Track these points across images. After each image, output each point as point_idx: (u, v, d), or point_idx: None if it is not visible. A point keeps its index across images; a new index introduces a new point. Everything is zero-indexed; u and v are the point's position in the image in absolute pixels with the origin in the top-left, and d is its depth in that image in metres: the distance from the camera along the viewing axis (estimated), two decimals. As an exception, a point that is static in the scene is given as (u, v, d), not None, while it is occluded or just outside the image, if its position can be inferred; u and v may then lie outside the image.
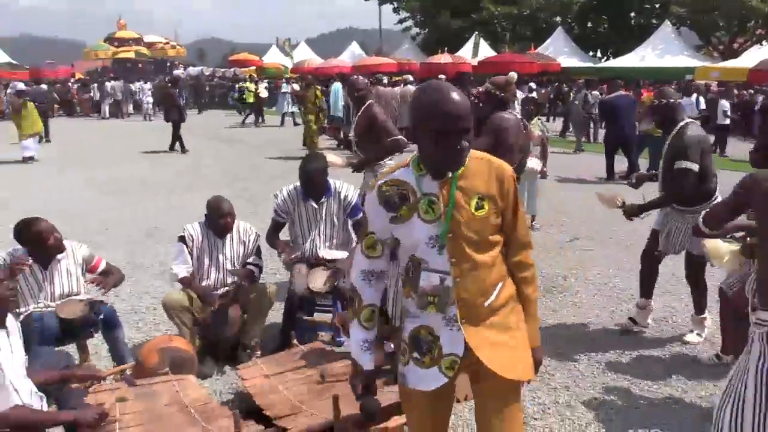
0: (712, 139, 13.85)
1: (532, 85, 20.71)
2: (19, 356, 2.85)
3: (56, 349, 3.69)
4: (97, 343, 4.23)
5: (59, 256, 3.84)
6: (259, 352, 4.12)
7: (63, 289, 3.85)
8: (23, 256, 3.68)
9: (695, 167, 4.05)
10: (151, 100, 26.05)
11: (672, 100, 4.28)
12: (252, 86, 23.83)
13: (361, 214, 4.42)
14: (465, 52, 28.47)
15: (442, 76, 18.81)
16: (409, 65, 27.59)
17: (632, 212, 4.34)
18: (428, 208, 2.03)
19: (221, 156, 14.58)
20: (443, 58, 25.62)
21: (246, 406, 3.27)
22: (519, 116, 4.65)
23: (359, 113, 5.60)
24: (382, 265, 2.17)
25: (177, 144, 15.21)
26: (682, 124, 4.21)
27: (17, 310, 3.42)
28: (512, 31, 35.50)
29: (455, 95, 1.93)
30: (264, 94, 24.04)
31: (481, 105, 4.38)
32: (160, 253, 6.65)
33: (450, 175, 2.02)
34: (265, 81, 27.49)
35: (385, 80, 15.45)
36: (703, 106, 11.46)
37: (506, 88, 4.40)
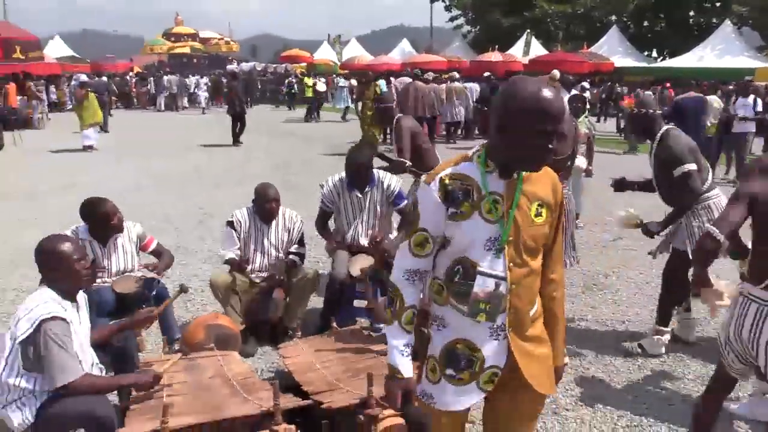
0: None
1: (585, 84, 20.38)
2: (86, 328, 3.06)
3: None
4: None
5: (116, 234, 4.08)
6: (299, 334, 4.28)
7: (119, 265, 4.10)
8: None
9: (694, 167, 3.97)
10: (206, 94, 26.82)
11: (651, 111, 4.20)
12: (310, 81, 24.05)
13: (404, 203, 4.55)
14: (516, 51, 28.22)
15: (488, 74, 18.75)
16: (459, 63, 27.50)
17: (652, 229, 4.22)
18: (492, 207, 1.92)
19: (272, 150, 14.89)
20: (493, 56, 25.48)
21: (285, 383, 3.40)
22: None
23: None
24: (428, 264, 2.03)
25: (240, 136, 15.67)
26: (662, 132, 4.14)
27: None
28: (565, 30, 34.98)
29: (556, 94, 1.87)
30: (322, 88, 24.28)
31: None
32: (209, 240, 6.92)
33: (515, 176, 1.95)
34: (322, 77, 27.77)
35: (430, 75, 15.51)
36: (760, 108, 11.12)
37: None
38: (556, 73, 4.45)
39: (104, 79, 22.59)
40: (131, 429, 2.65)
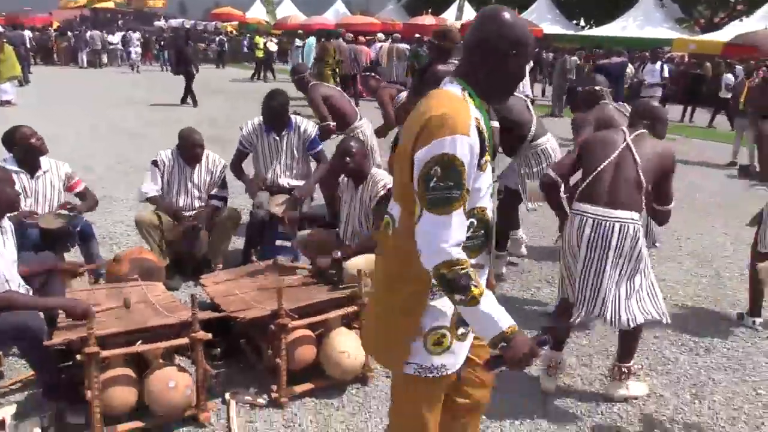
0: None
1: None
2: (11, 253, 3.21)
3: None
4: (73, 258, 4.59)
5: (44, 168, 4.19)
6: (221, 267, 4.53)
7: (46, 199, 4.21)
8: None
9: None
10: (139, 50, 25.80)
11: (598, 88, 4.77)
12: (261, 40, 23.46)
13: (320, 147, 4.82)
14: (449, 15, 28.54)
15: (418, 36, 19.10)
16: (393, 25, 27.63)
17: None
18: (490, 148, 1.82)
19: (209, 108, 14.66)
20: (426, 19, 25.74)
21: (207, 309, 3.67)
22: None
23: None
24: None
25: (189, 97, 15.03)
26: (598, 106, 4.66)
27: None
28: (497, -4, 35.40)
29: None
30: (273, 48, 23.75)
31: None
32: (134, 189, 6.99)
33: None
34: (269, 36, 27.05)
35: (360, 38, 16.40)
36: (666, 74, 11.91)
37: (447, 37, 4.45)
38: (456, 24, 4.76)
39: (25, 32, 21.54)
40: (59, 337, 2.86)
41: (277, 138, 4.76)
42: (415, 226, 1.77)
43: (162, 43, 27.17)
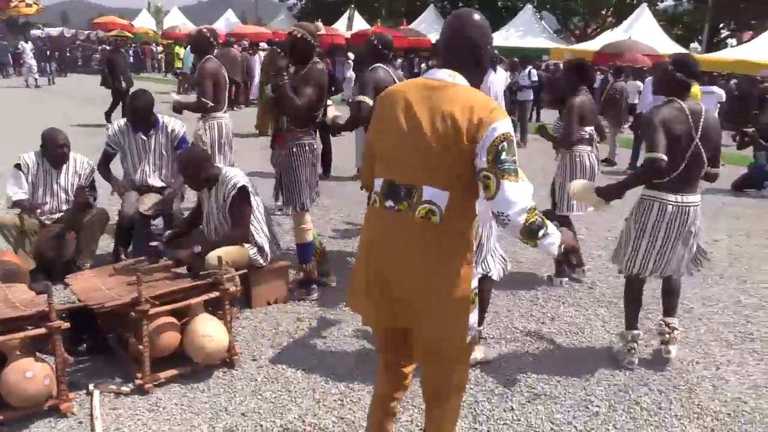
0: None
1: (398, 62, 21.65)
2: None
3: None
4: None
5: None
6: (88, 266, 4.53)
7: None
8: None
9: (367, 100, 4.54)
10: (34, 62, 22.56)
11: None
12: (182, 51, 22.44)
13: (187, 147, 4.91)
14: (340, 25, 29.02)
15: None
16: (283, 35, 27.71)
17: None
18: None
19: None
20: (318, 24, 25.99)
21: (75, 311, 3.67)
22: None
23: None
24: None
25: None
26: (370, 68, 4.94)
27: None
28: (387, 7, 36.38)
29: None
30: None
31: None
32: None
33: None
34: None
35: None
36: (535, 78, 13.01)
37: (315, 35, 4.44)
38: (319, 24, 4.95)
39: None
40: None
41: (145, 138, 4.83)
42: (488, 200, 2.10)
43: (48, 53, 25.57)
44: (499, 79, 9.28)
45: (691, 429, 3.19)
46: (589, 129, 4.95)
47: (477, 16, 2.21)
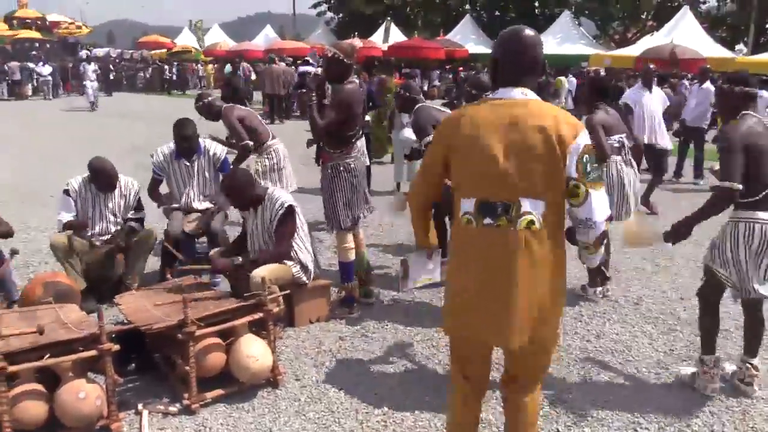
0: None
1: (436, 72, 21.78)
2: None
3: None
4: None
5: None
6: (136, 285, 4.64)
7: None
8: None
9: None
10: (96, 84, 21.46)
11: (409, 94, 5.15)
12: (210, 68, 22.90)
13: (230, 168, 5.02)
14: (377, 37, 29.20)
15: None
16: (322, 49, 28.01)
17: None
18: None
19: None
20: (355, 42, 26.23)
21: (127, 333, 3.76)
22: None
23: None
24: None
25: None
26: (416, 107, 5.01)
27: None
28: (423, 18, 36.50)
29: None
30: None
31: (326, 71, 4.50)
32: (53, 218, 6.98)
33: None
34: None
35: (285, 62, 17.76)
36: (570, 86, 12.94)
37: (351, 54, 4.45)
38: (357, 41, 5.04)
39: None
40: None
41: (188, 163, 4.96)
42: (575, 207, 2.30)
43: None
44: (655, 99, 8.05)
45: (746, 453, 3.09)
46: (617, 137, 4.85)
47: (533, 33, 2.35)
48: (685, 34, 22.61)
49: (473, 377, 2.57)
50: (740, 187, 3.15)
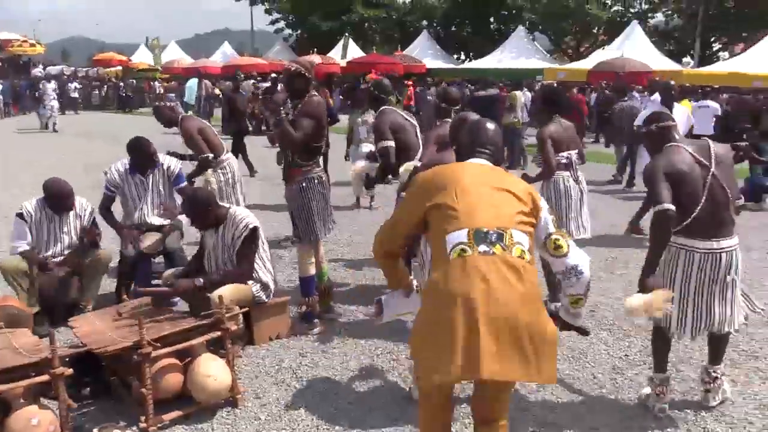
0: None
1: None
2: None
3: None
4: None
5: None
6: (90, 308, 4.55)
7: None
8: None
9: (389, 144, 4.82)
10: (56, 104, 20.52)
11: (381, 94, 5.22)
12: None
13: (184, 183, 4.98)
14: (335, 53, 29.36)
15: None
16: (281, 65, 28.04)
17: None
18: None
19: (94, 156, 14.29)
20: (313, 58, 26.26)
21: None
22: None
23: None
24: None
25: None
26: (381, 109, 5.10)
27: None
28: (381, 34, 36.85)
29: None
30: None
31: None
32: (3, 241, 6.81)
33: None
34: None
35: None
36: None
37: (311, 70, 4.57)
38: (314, 58, 5.08)
39: None
40: None
41: (143, 178, 4.89)
42: (560, 257, 2.52)
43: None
44: (679, 117, 6.94)
45: (698, 453, 3.18)
46: (566, 154, 4.89)
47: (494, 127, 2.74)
48: (635, 47, 23.38)
49: (445, 408, 2.58)
50: (672, 207, 3.08)
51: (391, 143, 4.75)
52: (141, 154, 4.85)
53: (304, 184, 4.43)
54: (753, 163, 9.05)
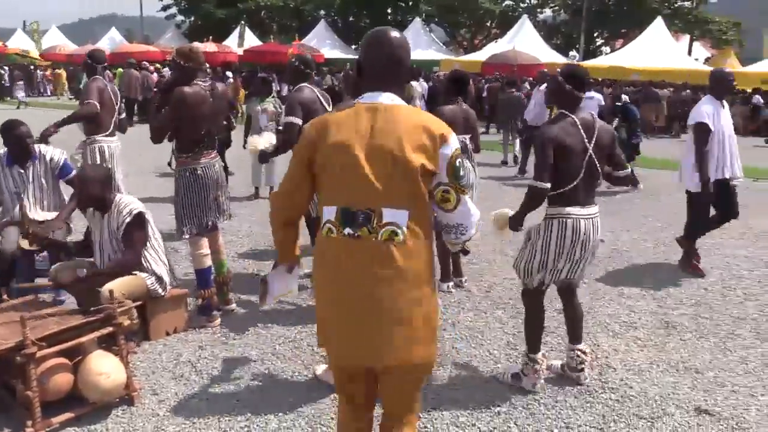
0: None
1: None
2: None
3: None
4: None
5: None
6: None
7: None
8: None
9: (293, 119, 4.57)
10: (22, 94, 23.79)
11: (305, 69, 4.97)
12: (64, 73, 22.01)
13: (72, 173, 4.70)
14: (231, 42, 28.64)
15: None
16: (171, 53, 27.00)
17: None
18: None
19: None
20: (208, 46, 25.52)
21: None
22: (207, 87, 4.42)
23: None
24: None
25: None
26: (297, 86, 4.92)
27: None
28: (278, 23, 36.30)
29: None
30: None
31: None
32: None
33: None
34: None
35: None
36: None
37: (191, 57, 4.29)
38: (198, 44, 4.89)
39: None
40: None
41: (22, 170, 4.57)
42: (447, 212, 2.28)
43: None
44: (727, 118, 5.82)
45: (585, 418, 3.40)
46: (460, 137, 5.03)
47: (400, 35, 2.25)
48: (525, 41, 24.41)
49: (357, 397, 2.40)
50: (547, 185, 3.38)
51: (297, 120, 4.48)
52: (15, 138, 4.52)
53: (177, 176, 4.34)
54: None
